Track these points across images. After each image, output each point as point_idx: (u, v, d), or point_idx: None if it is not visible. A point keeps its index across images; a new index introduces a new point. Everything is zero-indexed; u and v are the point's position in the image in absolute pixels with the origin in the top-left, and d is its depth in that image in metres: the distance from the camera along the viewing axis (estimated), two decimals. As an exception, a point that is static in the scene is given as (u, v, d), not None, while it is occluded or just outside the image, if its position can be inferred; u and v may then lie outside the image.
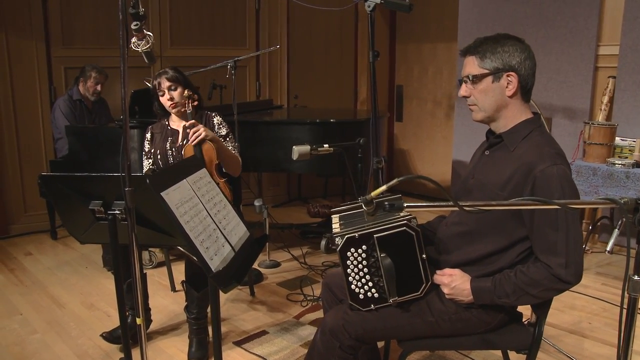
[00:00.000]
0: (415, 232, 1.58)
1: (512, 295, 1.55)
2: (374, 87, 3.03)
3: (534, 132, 1.61)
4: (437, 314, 1.65)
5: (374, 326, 1.65)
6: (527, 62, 1.59)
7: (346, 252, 1.61)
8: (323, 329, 1.68)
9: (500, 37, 1.62)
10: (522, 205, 1.11)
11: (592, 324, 2.83)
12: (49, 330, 2.79)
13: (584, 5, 3.93)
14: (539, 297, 1.55)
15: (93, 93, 4.10)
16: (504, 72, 1.59)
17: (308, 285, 3.30)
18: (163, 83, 2.61)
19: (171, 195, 1.71)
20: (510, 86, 1.59)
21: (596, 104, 4.04)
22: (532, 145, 1.57)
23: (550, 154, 1.53)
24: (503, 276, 1.58)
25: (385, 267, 1.56)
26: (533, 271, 1.54)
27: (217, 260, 1.71)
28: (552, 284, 1.51)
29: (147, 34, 2.00)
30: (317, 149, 2.44)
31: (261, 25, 5.15)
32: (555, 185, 1.49)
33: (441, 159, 5.44)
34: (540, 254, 1.54)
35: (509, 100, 1.61)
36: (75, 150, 3.61)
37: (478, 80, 1.61)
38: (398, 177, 1.10)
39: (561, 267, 1.49)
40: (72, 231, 2.16)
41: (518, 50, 1.59)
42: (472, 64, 1.63)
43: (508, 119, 1.63)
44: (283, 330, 2.74)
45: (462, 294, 1.62)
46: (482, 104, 1.63)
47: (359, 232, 1.59)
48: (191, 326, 2.50)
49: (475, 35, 1.75)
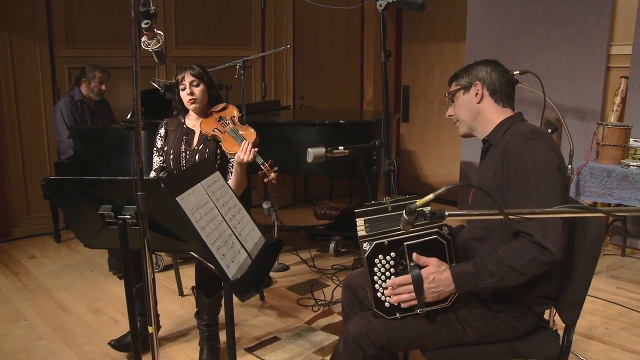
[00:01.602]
0: (447, 240, 1.53)
1: (497, 274, 1.49)
2: (385, 87, 2.97)
3: (514, 125, 1.69)
4: (464, 321, 1.60)
5: (399, 335, 1.60)
6: (493, 73, 1.74)
7: (374, 259, 1.56)
8: (346, 338, 1.62)
9: (474, 63, 1.79)
10: (566, 212, 1.05)
11: (609, 329, 2.77)
12: (55, 336, 2.73)
13: (595, 5, 3.87)
14: (524, 272, 1.48)
15: (98, 93, 4.04)
16: (472, 83, 1.75)
17: (319, 289, 3.24)
18: (187, 77, 2.54)
19: (186, 200, 1.65)
20: (477, 94, 1.74)
21: (608, 104, 3.99)
22: (510, 134, 1.66)
23: (523, 133, 1.60)
24: (484, 256, 1.53)
25: (414, 278, 1.51)
26: (514, 244, 1.51)
27: (234, 268, 1.66)
28: (535, 252, 1.46)
29: (157, 33, 1.94)
30: (332, 151, 2.38)
31: (267, 25, 5.09)
32: (525, 157, 1.54)
33: (448, 160, 5.38)
34: (519, 225, 1.51)
35: (479, 106, 1.74)
36: (80, 152, 3.54)
37: (453, 96, 1.79)
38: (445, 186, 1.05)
39: (540, 235, 1.46)
40: (80, 236, 2.10)
41: (484, 65, 1.76)
42: (453, 87, 1.81)
43: (486, 124, 1.74)
44: (295, 336, 2.68)
45: (442, 283, 1.53)
46: (461, 117, 1.78)
47: (389, 238, 1.54)
48: (202, 333, 2.44)
49: (484, 36, 1.87)
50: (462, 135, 1.83)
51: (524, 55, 4.24)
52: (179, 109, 2.66)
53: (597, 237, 1.58)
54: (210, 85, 2.60)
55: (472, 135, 1.81)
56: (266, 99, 5.16)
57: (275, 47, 5.02)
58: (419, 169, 5.71)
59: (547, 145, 1.57)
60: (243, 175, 2.53)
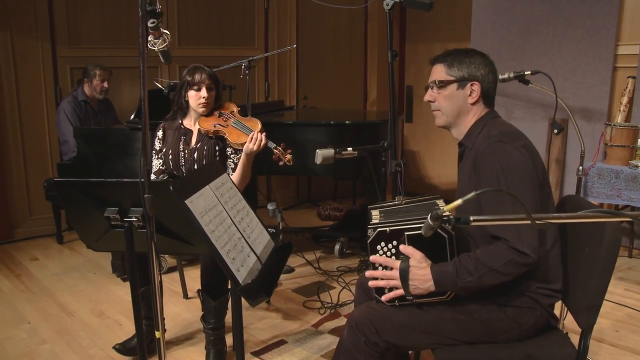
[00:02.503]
0: (449, 235, 1.52)
1: (475, 273, 1.48)
2: (392, 88, 2.94)
3: (487, 125, 1.68)
4: (468, 313, 1.59)
5: (401, 323, 1.59)
6: (490, 75, 1.70)
7: (376, 246, 1.59)
8: (350, 323, 1.63)
9: (468, 51, 1.73)
10: (591, 217, 1.02)
11: (619, 332, 2.74)
12: (58, 340, 2.69)
13: (602, 4, 3.84)
14: (503, 272, 1.48)
15: (101, 91, 4.02)
16: (469, 82, 1.69)
17: (325, 291, 3.21)
18: (205, 80, 2.50)
19: (195, 203, 1.62)
20: (473, 94, 1.69)
21: (615, 105, 3.95)
22: (481, 137, 1.65)
23: (492, 135, 1.59)
24: (464, 256, 1.53)
25: (400, 267, 1.54)
26: (492, 247, 1.51)
27: (244, 272, 1.62)
28: (512, 254, 1.46)
29: (163, 32, 1.92)
30: (341, 153, 2.35)
31: (270, 24, 5.06)
32: (490, 161, 1.53)
33: (452, 161, 5.34)
34: (493, 229, 1.51)
35: (471, 107, 1.70)
36: (83, 153, 3.50)
37: (444, 86, 1.71)
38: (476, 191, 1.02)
39: (516, 240, 1.46)
40: (85, 239, 2.07)
41: (483, 64, 1.70)
42: (440, 71, 1.72)
43: (467, 124, 1.72)
44: (302, 339, 2.65)
45: (418, 279, 1.54)
46: (445, 109, 1.72)
47: (391, 227, 1.53)
48: (208, 337, 2.41)
49: (489, 36, 1.84)
50: (439, 126, 1.79)
51: (529, 55, 4.21)
52: (179, 109, 2.61)
53: (614, 240, 1.55)
54: (219, 91, 2.61)
55: (447, 128, 1.77)
56: (269, 99, 5.13)
57: (278, 47, 5.00)
58: (423, 170, 5.67)
59: (516, 145, 1.55)
60: (249, 166, 2.51)
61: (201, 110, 2.53)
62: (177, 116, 2.63)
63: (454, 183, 5.44)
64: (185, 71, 2.55)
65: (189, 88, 2.53)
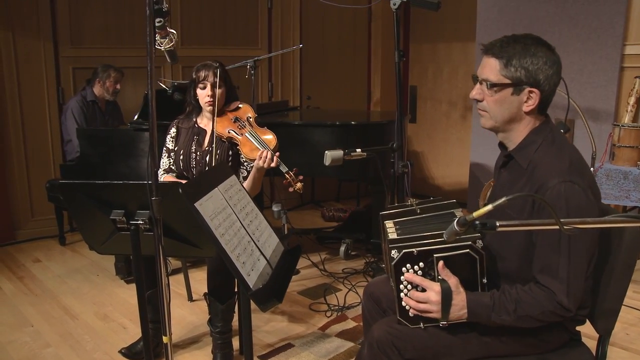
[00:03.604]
0: (479, 255, 1.44)
1: (513, 314, 1.42)
2: (400, 88, 2.92)
3: (545, 141, 1.49)
4: (494, 334, 1.53)
5: (424, 344, 1.53)
6: (553, 78, 1.45)
7: (401, 267, 1.50)
8: (370, 342, 1.57)
9: (531, 43, 1.45)
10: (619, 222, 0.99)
11: (630, 335, 2.71)
12: (62, 343, 2.66)
13: (609, 3, 3.81)
14: (539, 319, 1.43)
15: (113, 92, 4.03)
16: (527, 87, 1.45)
17: (331, 293, 3.18)
18: (210, 78, 2.45)
19: (205, 206, 1.59)
20: (530, 102, 1.46)
21: (622, 105, 3.92)
22: (542, 160, 1.46)
23: (558, 170, 1.41)
24: (503, 293, 1.45)
25: (444, 291, 1.45)
26: (537, 292, 1.42)
27: (254, 276, 1.59)
28: (555, 309, 1.40)
29: (170, 32, 1.89)
30: (350, 154, 2.31)
31: (273, 24, 5.02)
32: (560, 204, 1.37)
33: (456, 162, 5.31)
34: (540, 275, 1.42)
35: (525, 115, 1.49)
36: (86, 154, 3.47)
37: (497, 90, 1.47)
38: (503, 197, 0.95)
39: (563, 294, 1.38)
40: (90, 242, 2.04)
41: (547, 64, 1.44)
42: (493, 68, 1.47)
43: (519, 132, 1.52)
44: (309, 342, 2.61)
45: (458, 305, 1.45)
46: (493, 114, 1.51)
47: (418, 248, 1.47)
48: (215, 340, 2.38)
49: (494, 35, 1.58)
50: (484, 128, 1.58)
51: (535, 55, 4.17)
52: (193, 107, 2.57)
53: (633, 243, 1.52)
54: (230, 87, 2.54)
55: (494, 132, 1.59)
56: (273, 99, 5.09)
57: (281, 46, 4.96)
58: (427, 170, 5.64)
59: (584, 186, 1.40)
60: (259, 181, 2.47)
61: (208, 109, 2.49)
62: (191, 115, 2.60)
63: (457, 183, 5.41)
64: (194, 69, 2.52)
65: (195, 86, 2.49)
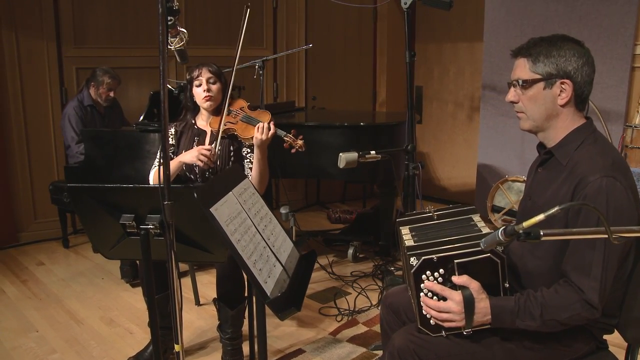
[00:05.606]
0: (501, 259, 1.39)
1: (539, 319, 1.38)
2: (410, 88, 2.87)
3: (587, 140, 1.47)
4: (518, 340, 1.49)
5: (447, 352, 1.49)
6: (584, 69, 1.45)
7: (421, 275, 1.45)
8: (391, 351, 1.53)
9: (557, 39, 1.48)
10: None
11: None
12: (68, 349, 2.61)
13: (620, 3, 3.76)
14: (566, 323, 1.39)
15: (106, 99, 3.90)
16: (558, 79, 1.45)
17: (341, 297, 3.12)
18: (204, 74, 2.46)
19: (220, 211, 1.54)
20: (563, 94, 1.46)
21: (632, 105, 3.87)
22: (584, 157, 1.44)
23: (601, 166, 1.39)
24: (528, 298, 1.41)
25: (466, 298, 1.40)
26: (564, 294, 1.38)
27: (271, 283, 1.54)
28: (581, 309, 1.36)
29: (180, 31, 1.83)
30: (365, 156, 2.26)
31: (278, 24, 4.98)
32: (600, 200, 1.34)
33: (463, 162, 5.27)
34: (572, 272, 1.38)
35: (561, 109, 1.48)
36: (91, 156, 3.41)
37: (528, 86, 1.48)
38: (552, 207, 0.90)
39: (594, 292, 1.34)
40: (98, 246, 1.98)
41: (575, 55, 1.45)
42: (523, 67, 1.50)
43: (558, 129, 1.50)
44: (320, 348, 2.56)
45: (481, 312, 1.41)
46: (530, 112, 1.51)
47: (438, 254, 1.42)
48: (225, 347, 2.33)
49: (502, 35, 1.60)
50: (524, 130, 1.56)
51: (544, 55, 4.13)
52: (189, 109, 2.58)
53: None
54: (225, 85, 2.53)
55: (533, 133, 1.56)
56: (278, 99, 5.04)
57: (287, 46, 4.91)
58: (433, 172, 5.59)
59: (626, 184, 1.37)
60: (265, 162, 2.43)
61: (207, 105, 2.48)
62: (187, 117, 2.58)
63: (464, 184, 5.36)
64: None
65: (192, 86, 2.50)
